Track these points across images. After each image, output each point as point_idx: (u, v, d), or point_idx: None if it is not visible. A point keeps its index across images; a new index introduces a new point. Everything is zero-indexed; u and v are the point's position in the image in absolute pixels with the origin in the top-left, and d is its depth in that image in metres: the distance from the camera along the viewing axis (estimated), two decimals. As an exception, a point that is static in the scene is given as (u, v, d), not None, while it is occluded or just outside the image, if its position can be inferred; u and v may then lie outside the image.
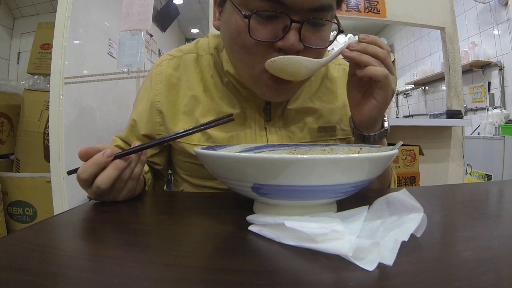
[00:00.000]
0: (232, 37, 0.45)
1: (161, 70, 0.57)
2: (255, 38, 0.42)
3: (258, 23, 0.42)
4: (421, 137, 1.93)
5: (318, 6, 0.42)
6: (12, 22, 2.62)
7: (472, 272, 0.22)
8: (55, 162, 1.60)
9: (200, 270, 0.23)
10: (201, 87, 0.56)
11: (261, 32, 0.42)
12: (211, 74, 0.56)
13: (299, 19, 0.41)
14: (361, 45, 0.43)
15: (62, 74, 1.61)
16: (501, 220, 0.37)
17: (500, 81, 2.96)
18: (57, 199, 1.60)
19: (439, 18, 2.00)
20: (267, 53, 0.43)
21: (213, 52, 0.57)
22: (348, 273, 0.22)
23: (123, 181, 0.41)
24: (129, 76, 1.78)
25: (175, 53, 0.59)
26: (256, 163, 0.28)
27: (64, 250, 0.28)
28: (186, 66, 0.57)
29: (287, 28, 0.41)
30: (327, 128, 0.58)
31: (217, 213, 0.38)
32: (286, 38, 0.41)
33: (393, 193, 0.31)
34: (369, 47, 0.42)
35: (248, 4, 0.42)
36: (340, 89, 0.61)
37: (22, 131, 2.00)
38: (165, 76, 0.57)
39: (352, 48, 0.43)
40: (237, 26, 0.43)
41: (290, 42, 0.41)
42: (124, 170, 0.41)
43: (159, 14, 3.00)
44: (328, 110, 0.59)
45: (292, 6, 0.40)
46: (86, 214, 0.39)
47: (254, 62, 0.45)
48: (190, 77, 0.57)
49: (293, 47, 0.42)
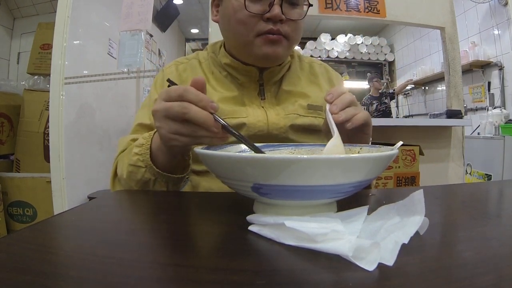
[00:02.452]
0: (232, 15, 0.59)
1: (171, 70, 0.69)
2: (250, 11, 0.57)
3: (249, 2, 0.57)
4: (421, 137, 1.93)
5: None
6: (12, 22, 2.63)
7: (472, 272, 0.22)
8: (55, 162, 1.60)
9: (200, 270, 0.23)
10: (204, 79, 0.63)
11: (253, 7, 0.57)
12: (212, 71, 0.68)
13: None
14: (336, 104, 0.47)
15: (62, 74, 1.61)
16: (501, 220, 0.37)
17: (500, 81, 2.96)
18: (57, 199, 1.60)
19: (439, 18, 2.01)
20: (258, 23, 0.58)
21: (211, 55, 0.70)
22: (348, 273, 0.22)
23: (192, 133, 0.39)
24: (129, 76, 1.78)
25: (182, 60, 0.72)
26: (256, 163, 0.28)
27: (64, 250, 0.28)
28: (192, 68, 0.70)
29: (272, 4, 0.57)
30: (315, 106, 0.68)
31: (217, 213, 0.38)
32: (272, 10, 0.57)
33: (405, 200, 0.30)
34: (342, 99, 0.47)
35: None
36: (322, 82, 0.74)
37: (22, 131, 2.00)
38: (176, 75, 0.68)
39: (336, 111, 0.46)
40: (233, 7, 0.58)
41: (275, 12, 0.56)
42: (204, 128, 0.39)
43: (159, 14, 3.01)
44: (315, 95, 0.70)
45: None
46: (86, 214, 0.39)
47: (248, 31, 0.58)
48: (195, 75, 0.63)
49: (278, 16, 0.57)
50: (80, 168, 1.72)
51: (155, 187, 0.51)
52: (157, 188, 0.51)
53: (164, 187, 0.51)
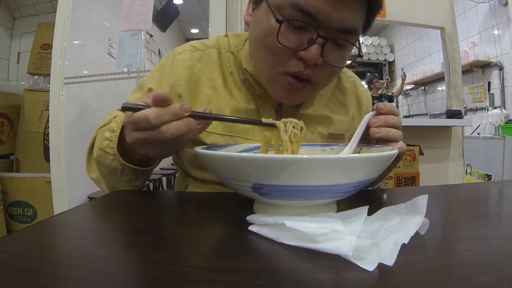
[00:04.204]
0: (261, 36, 0.48)
1: (184, 57, 0.59)
2: (281, 43, 0.45)
3: (287, 30, 0.45)
4: (421, 137, 1.93)
5: (345, 28, 0.45)
6: (12, 22, 2.63)
7: (472, 272, 0.22)
8: (55, 162, 1.60)
9: (200, 270, 0.23)
10: (220, 81, 0.58)
11: (288, 39, 0.45)
12: (230, 70, 0.59)
13: (325, 35, 0.44)
14: (381, 119, 0.44)
15: (62, 74, 1.61)
16: (501, 220, 0.37)
17: (500, 81, 2.96)
18: (57, 199, 1.60)
19: (439, 18, 2.00)
20: (289, 58, 0.47)
21: (233, 51, 0.60)
22: (348, 273, 0.22)
23: (182, 141, 0.39)
24: (129, 76, 1.78)
25: (199, 46, 0.61)
26: (256, 163, 0.28)
27: (64, 250, 0.28)
28: (208, 60, 0.59)
29: (313, 41, 0.44)
30: (336, 135, 0.61)
31: (217, 213, 0.38)
32: (309, 49, 0.44)
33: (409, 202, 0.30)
34: (389, 119, 0.44)
35: (282, 9, 0.44)
36: (349, 101, 0.64)
37: (22, 131, 2.00)
38: (188, 65, 0.58)
39: (375, 125, 0.44)
40: (268, 27, 0.46)
41: (311, 54, 0.44)
42: (191, 131, 0.39)
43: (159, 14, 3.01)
44: (339, 120, 0.62)
45: (322, 22, 0.43)
46: (86, 214, 0.39)
47: (275, 64, 0.48)
48: (211, 70, 0.58)
49: (313, 60, 0.45)
50: (80, 168, 1.71)
51: (123, 176, 0.50)
52: (124, 178, 0.50)
53: (132, 176, 0.50)
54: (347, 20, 0.44)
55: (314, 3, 0.43)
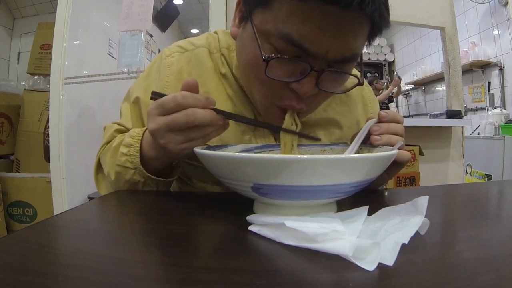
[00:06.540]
0: (248, 64, 0.43)
1: (171, 61, 0.54)
2: (270, 77, 0.40)
3: (277, 62, 0.40)
4: (421, 137, 1.93)
5: (341, 59, 0.40)
6: (12, 22, 2.62)
7: (472, 272, 0.22)
8: (55, 162, 1.60)
9: (200, 270, 0.23)
10: (214, 85, 0.54)
11: (278, 71, 0.40)
12: (224, 72, 0.54)
13: (319, 68, 0.39)
14: (383, 127, 0.43)
15: (62, 74, 1.61)
16: (501, 220, 0.37)
17: (500, 81, 2.96)
18: (57, 199, 1.60)
19: (439, 18, 2.00)
20: (280, 89, 0.42)
21: (224, 52, 0.55)
22: (348, 273, 0.22)
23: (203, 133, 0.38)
24: (129, 76, 1.78)
25: (187, 46, 0.56)
26: (256, 163, 0.28)
27: (64, 250, 0.28)
28: (198, 61, 0.55)
29: (306, 73, 0.39)
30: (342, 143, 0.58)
31: (217, 213, 0.38)
32: (301, 82, 0.40)
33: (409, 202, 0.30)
34: (391, 127, 0.43)
35: (271, 38, 0.39)
36: (354, 105, 0.61)
37: (22, 131, 2.00)
38: (175, 69, 0.54)
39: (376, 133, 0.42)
40: (254, 57, 0.41)
41: (304, 89, 0.40)
42: (213, 123, 0.38)
43: (159, 14, 3.00)
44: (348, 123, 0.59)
45: (315, 55, 0.38)
46: (86, 214, 0.39)
47: (267, 94, 0.44)
48: (203, 73, 0.54)
49: (307, 94, 0.41)
50: (80, 168, 1.72)
51: (144, 187, 0.49)
52: (146, 189, 0.49)
53: (154, 188, 0.49)
54: (346, 49, 0.39)
55: (308, 36, 0.37)
